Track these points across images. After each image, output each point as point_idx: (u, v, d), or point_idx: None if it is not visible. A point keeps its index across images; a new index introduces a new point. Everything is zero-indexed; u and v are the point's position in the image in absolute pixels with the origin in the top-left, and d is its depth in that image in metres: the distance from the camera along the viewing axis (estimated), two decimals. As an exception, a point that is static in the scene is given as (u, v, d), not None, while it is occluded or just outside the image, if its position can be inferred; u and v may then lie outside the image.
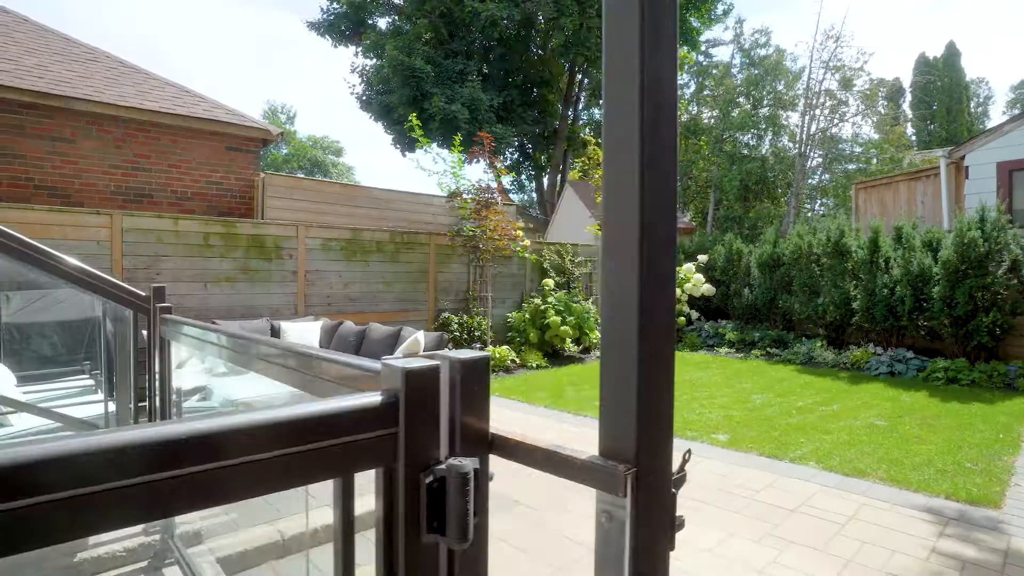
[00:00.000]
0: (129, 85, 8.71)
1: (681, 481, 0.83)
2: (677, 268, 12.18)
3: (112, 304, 2.76)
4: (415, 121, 10.51)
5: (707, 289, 12.28)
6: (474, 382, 0.82)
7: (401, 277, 9.58)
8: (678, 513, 0.80)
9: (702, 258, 12.73)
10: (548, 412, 6.57)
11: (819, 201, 20.66)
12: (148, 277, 7.12)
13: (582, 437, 5.52)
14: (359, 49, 22.66)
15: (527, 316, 10.31)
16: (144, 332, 2.75)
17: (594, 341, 11.11)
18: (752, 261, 11.95)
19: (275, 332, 7.77)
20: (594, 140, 11.91)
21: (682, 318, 12.23)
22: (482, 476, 0.83)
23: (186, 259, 7.44)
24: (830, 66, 17.71)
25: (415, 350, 5.91)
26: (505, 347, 9.65)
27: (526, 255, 10.74)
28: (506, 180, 25.80)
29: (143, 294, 2.67)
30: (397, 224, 10.50)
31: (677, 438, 4.92)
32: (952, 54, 31.73)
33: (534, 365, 9.55)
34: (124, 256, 6.96)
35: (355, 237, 9.06)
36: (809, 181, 19.04)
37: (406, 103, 18.91)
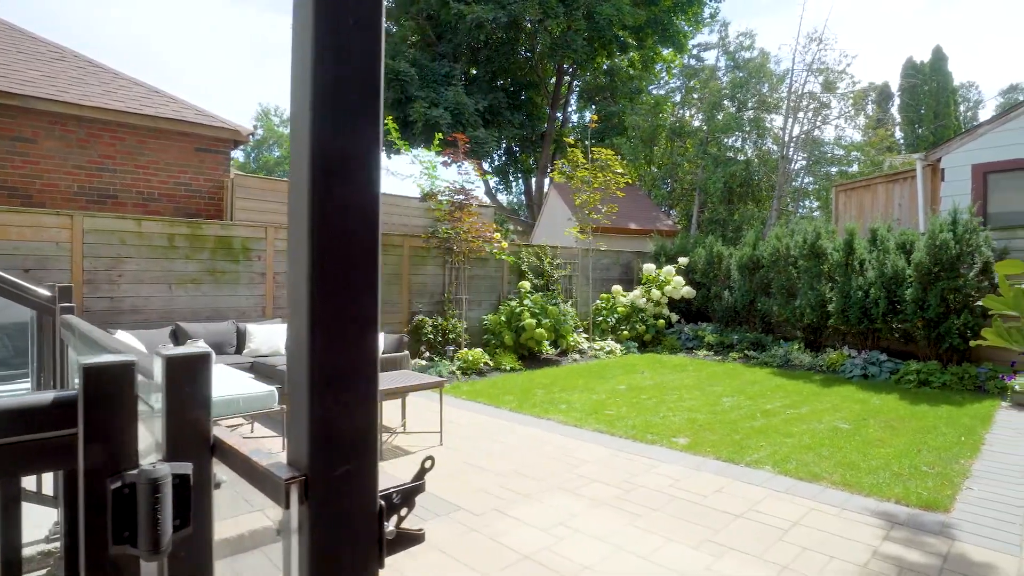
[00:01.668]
0: (95, 84, 8.60)
1: (414, 492, 0.75)
2: (658, 271, 12.10)
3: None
4: (391, 124, 10.43)
5: (687, 292, 12.23)
6: (190, 381, 0.74)
7: (374, 279, 9.47)
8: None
9: (683, 260, 12.68)
10: (510, 415, 6.48)
11: (802, 204, 20.68)
12: (110, 279, 7.02)
13: (535, 440, 5.45)
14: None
15: (503, 318, 10.23)
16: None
17: (572, 343, 11.05)
18: (732, 263, 11.91)
19: (241, 334, 7.68)
20: (574, 142, 11.85)
21: (662, 321, 12.17)
22: (201, 482, 0.75)
23: (150, 261, 7.34)
24: (813, 69, 17.75)
25: (374, 352, 5.82)
26: (479, 350, 9.57)
27: (503, 257, 10.67)
28: (493, 182, 25.76)
29: (47, 294, 2.58)
30: None
31: (638, 443, 4.84)
32: (939, 58, 31.88)
33: (508, 368, 9.47)
34: (85, 258, 6.86)
35: (326, 239, 8.95)
36: (793, 184, 19.04)
37: (390, 106, 18.85)
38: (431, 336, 9.73)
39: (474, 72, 22.50)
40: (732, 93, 18.97)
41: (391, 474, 4.15)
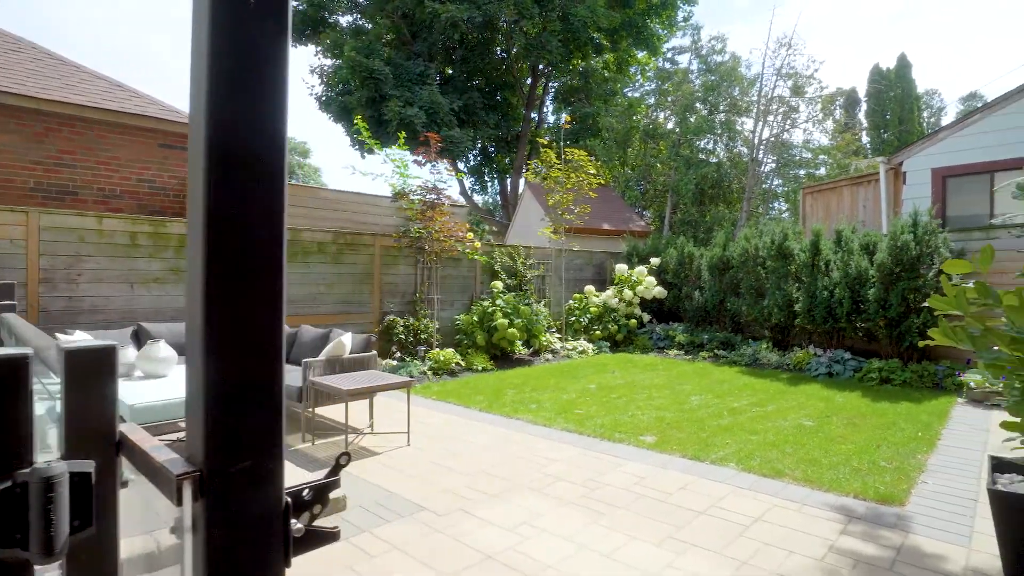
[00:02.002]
0: (55, 77, 8.35)
1: (327, 488, 0.73)
2: (630, 271, 12.19)
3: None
4: (362, 123, 10.34)
5: (659, 292, 12.35)
6: (93, 375, 0.71)
7: (344, 279, 9.39)
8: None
9: (655, 261, 12.80)
10: (480, 415, 6.46)
11: (772, 206, 21.09)
12: (68, 278, 6.82)
13: (504, 440, 5.44)
14: (319, 49, 22.34)
15: (475, 318, 10.21)
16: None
17: (544, 343, 11.06)
18: (703, 264, 12.06)
19: (207, 335, 7.51)
20: (547, 142, 11.88)
21: (634, 320, 12.27)
22: (105, 481, 0.72)
23: (111, 259, 7.14)
24: (782, 73, 18.11)
25: (340, 353, 5.76)
26: (450, 350, 9.52)
27: (476, 257, 10.64)
28: (468, 183, 25.69)
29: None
30: (343, 225, 10.31)
31: (606, 441, 4.86)
32: (904, 66, 32.76)
33: (479, 368, 9.44)
34: (41, 256, 6.65)
35: (295, 237, 8.84)
36: (763, 186, 19.38)
37: (364, 105, 18.68)
38: (402, 336, 9.66)
39: (449, 72, 22.43)
40: (704, 96, 19.24)
41: (309, 471, 4.05)
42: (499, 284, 10.80)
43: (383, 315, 9.76)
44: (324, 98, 21.99)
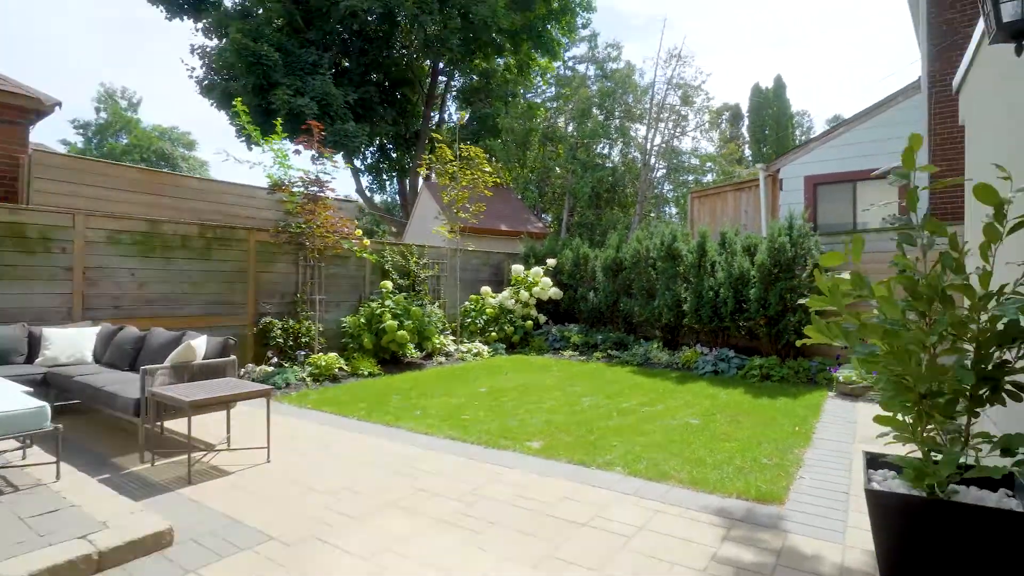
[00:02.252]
0: None
1: None
2: (526, 272, 12.02)
3: None
4: (241, 107, 9.41)
5: (555, 292, 12.28)
6: None
7: (214, 277, 8.45)
8: None
9: (551, 262, 12.73)
10: (358, 425, 5.92)
11: (663, 210, 21.94)
12: None
13: (379, 451, 4.96)
14: (198, 27, 20.50)
15: (362, 320, 9.57)
16: None
17: (437, 346, 10.62)
18: (597, 265, 12.13)
19: (35, 340, 6.42)
20: (443, 136, 11.44)
21: (530, 322, 12.11)
22: None
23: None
24: (673, 83, 18.89)
25: (190, 358, 5.01)
26: (333, 354, 8.84)
27: (364, 255, 10.00)
28: (366, 181, 24.67)
29: None
30: (212, 218, 9.31)
31: (490, 449, 4.48)
32: (780, 86, 35.50)
33: (366, 373, 8.83)
34: None
35: (154, 230, 7.83)
36: (655, 190, 20.09)
37: (250, 92, 17.32)
38: (281, 340, 8.85)
39: (346, 64, 21.38)
40: (601, 102, 19.67)
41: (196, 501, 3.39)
42: (389, 284, 10.23)
43: (259, 316, 8.90)
44: (207, 82, 20.21)
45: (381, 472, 4.43)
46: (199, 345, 5.11)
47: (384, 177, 25.02)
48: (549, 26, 21.26)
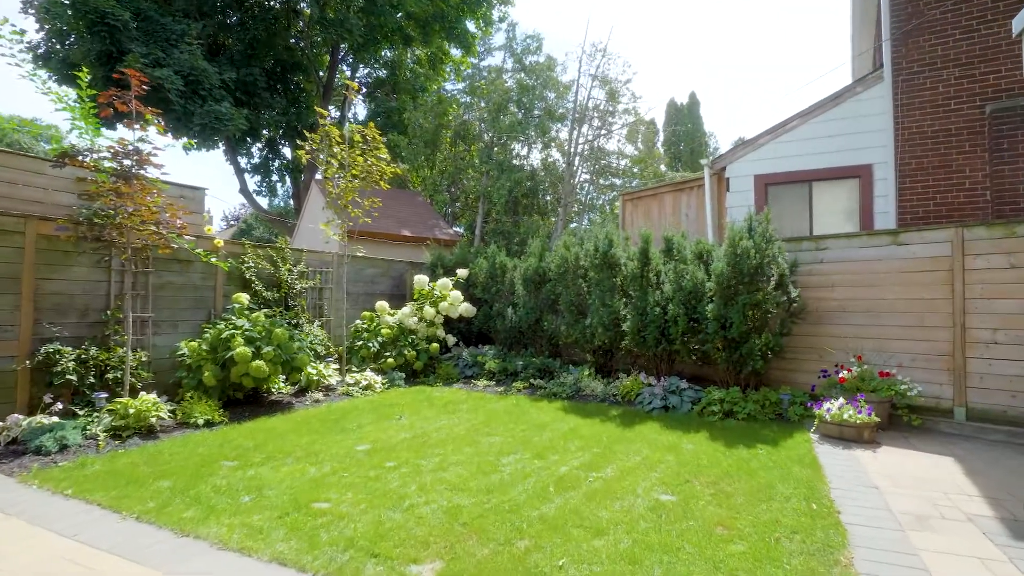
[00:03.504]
0: None
1: None
2: (432, 284, 9.87)
3: None
4: (83, 72, 6.72)
5: (466, 309, 10.22)
6: None
7: (-43, 285, 5.70)
8: None
9: (462, 273, 10.67)
10: (130, 531, 3.52)
11: (587, 217, 20.55)
12: None
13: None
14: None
15: (203, 348, 7.04)
16: None
17: (314, 378, 8.23)
18: (517, 277, 10.21)
19: None
20: (326, 114, 9.08)
21: (435, 345, 9.95)
22: None
23: None
24: (597, 77, 17.53)
25: None
26: (151, 396, 6.26)
27: (213, 259, 7.48)
28: (252, 182, 21.52)
29: None
30: None
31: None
32: (694, 103, 35.72)
33: (201, 422, 6.32)
34: None
35: None
36: (577, 196, 18.61)
37: (95, 61, 14.07)
38: (72, 377, 6.17)
39: (229, 41, 18.34)
40: (519, 97, 17.94)
41: None
42: (244, 298, 7.75)
43: (39, 343, 6.17)
44: (42, 50, 16.53)
45: None
46: None
47: (275, 177, 21.89)
48: (463, 16, 19.39)
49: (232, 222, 46.94)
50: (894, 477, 4.60)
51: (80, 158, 6.25)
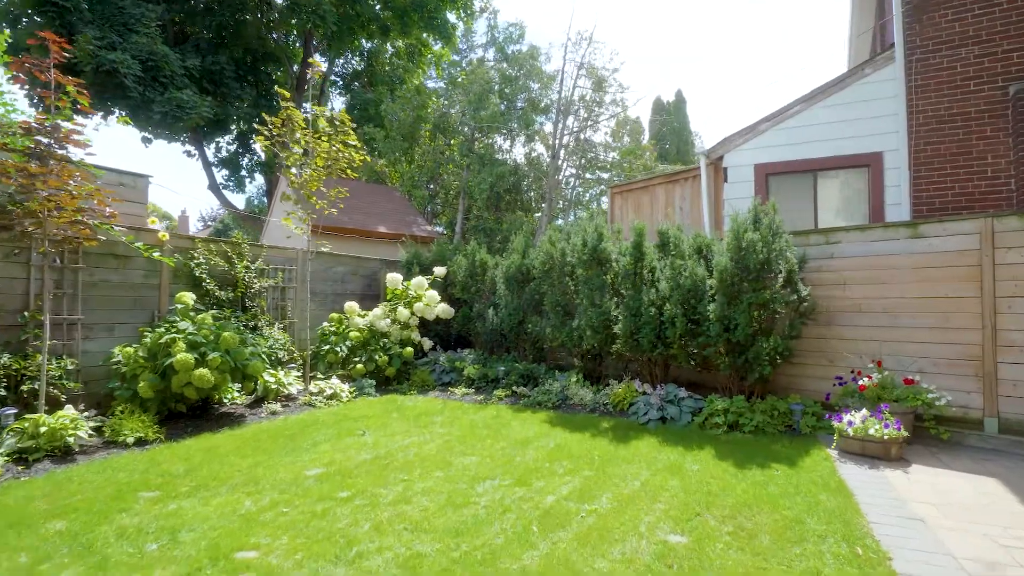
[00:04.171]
0: None
1: None
2: (406, 284, 9.08)
3: None
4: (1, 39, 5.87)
5: (443, 310, 9.42)
6: None
7: None
8: None
9: (439, 271, 9.88)
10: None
11: (573, 214, 19.74)
12: None
13: None
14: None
15: (140, 354, 6.16)
16: None
17: (272, 387, 7.38)
18: (498, 275, 9.44)
19: None
20: (285, 100, 8.21)
21: (409, 349, 9.13)
22: None
23: None
24: (584, 65, 16.78)
25: None
26: (69, 410, 5.40)
27: (156, 254, 6.61)
28: (221, 176, 20.47)
29: None
30: None
31: None
32: (680, 101, 35.25)
33: (131, 440, 5.45)
34: None
35: None
36: (563, 191, 17.85)
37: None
38: (-23, 389, 5.30)
39: (197, 31, 17.33)
40: (501, 87, 17.12)
41: None
42: (189, 298, 6.87)
43: (-64, 351, 5.28)
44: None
45: None
46: None
47: (244, 173, 20.84)
48: (443, 5, 18.56)
49: (209, 222, 45.63)
50: (938, 505, 3.91)
51: (-12, 134, 5.36)
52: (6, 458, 4.77)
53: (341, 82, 20.41)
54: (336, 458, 4.99)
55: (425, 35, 19.50)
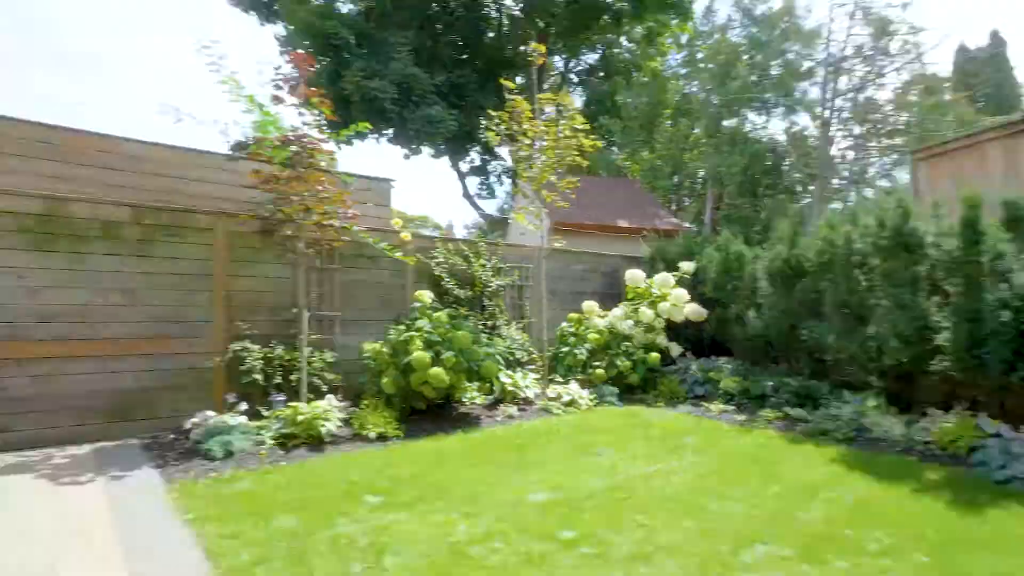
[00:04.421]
0: None
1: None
2: (649, 281, 8.11)
3: None
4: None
5: (692, 311, 8.19)
6: None
7: (160, 282, 5.76)
8: None
9: (686, 266, 8.65)
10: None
11: (852, 193, 16.17)
12: None
13: None
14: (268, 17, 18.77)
15: (385, 350, 6.32)
16: None
17: (509, 388, 7.10)
18: (759, 269, 7.89)
19: None
20: (514, 86, 7.89)
21: (655, 354, 8.11)
22: None
23: None
24: (859, 7, 13.56)
25: None
26: (323, 402, 5.67)
27: (398, 254, 6.79)
28: (473, 185, 21.86)
29: None
30: (159, 198, 6.69)
31: None
32: (998, 44, 27.52)
33: (374, 435, 5.51)
34: None
35: (54, 212, 5.27)
36: (839, 166, 14.74)
37: (324, 79, 15.20)
38: (258, 376, 5.91)
39: (440, 46, 18.64)
40: (750, 55, 14.81)
41: None
42: (427, 296, 6.91)
43: (232, 340, 6.02)
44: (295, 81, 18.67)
45: None
46: None
47: (491, 179, 22.02)
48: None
49: (471, 229, 50.47)
50: None
51: (252, 149, 5.94)
52: (272, 441, 5.13)
53: (577, 80, 20.24)
54: (564, 481, 4.28)
55: (660, 15, 18.09)
